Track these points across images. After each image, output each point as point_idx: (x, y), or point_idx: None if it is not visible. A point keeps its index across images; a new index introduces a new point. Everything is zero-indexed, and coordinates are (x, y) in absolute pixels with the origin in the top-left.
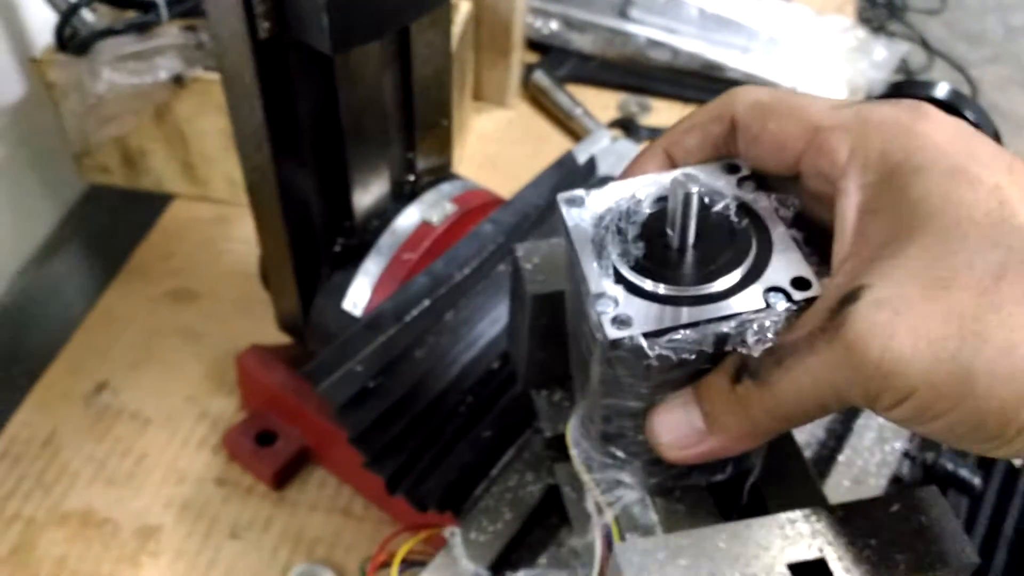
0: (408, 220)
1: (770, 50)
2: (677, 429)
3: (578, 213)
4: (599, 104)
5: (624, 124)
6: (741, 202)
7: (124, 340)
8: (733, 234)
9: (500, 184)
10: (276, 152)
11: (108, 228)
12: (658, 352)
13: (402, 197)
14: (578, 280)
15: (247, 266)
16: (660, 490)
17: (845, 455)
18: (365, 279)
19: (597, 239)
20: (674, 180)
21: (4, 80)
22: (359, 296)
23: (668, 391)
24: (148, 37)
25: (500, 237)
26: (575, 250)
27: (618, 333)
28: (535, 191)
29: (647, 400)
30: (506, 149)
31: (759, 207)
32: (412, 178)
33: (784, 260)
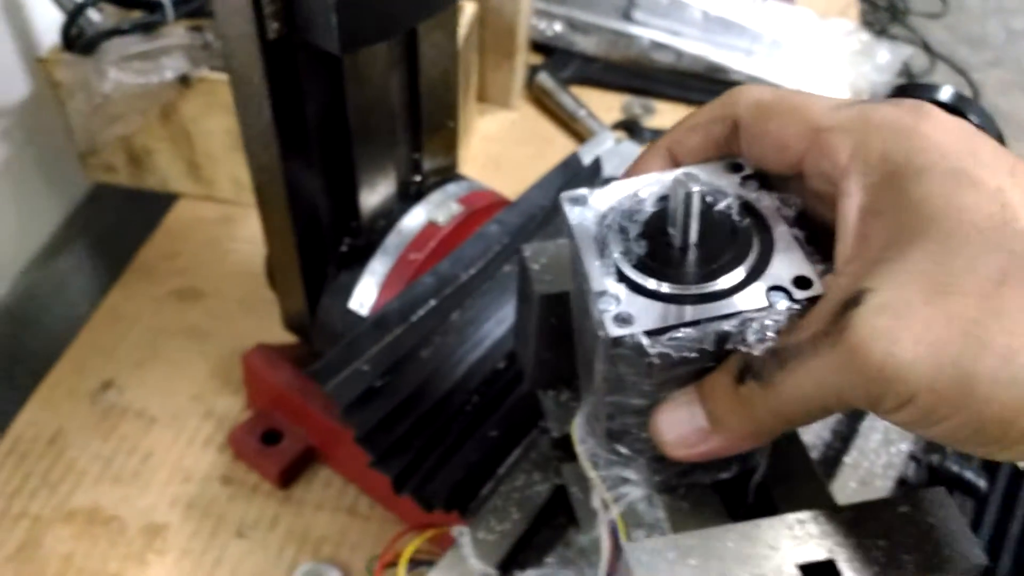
0: (414, 220)
1: (773, 53)
2: (680, 427)
3: (581, 212)
4: (603, 106)
5: (628, 126)
6: (743, 201)
7: (129, 339)
8: (735, 233)
9: (504, 185)
10: (284, 152)
11: (113, 227)
12: (659, 350)
13: (408, 197)
14: (581, 278)
15: (252, 266)
16: (665, 487)
17: (851, 457)
18: (371, 279)
19: (600, 237)
20: (676, 179)
21: (10, 79)
22: (365, 296)
23: (671, 389)
24: (154, 37)
25: (506, 238)
26: (578, 248)
27: (620, 331)
28: (540, 192)
29: (651, 398)
30: (510, 150)
31: (761, 206)
32: (418, 178)
33: (786, 259)
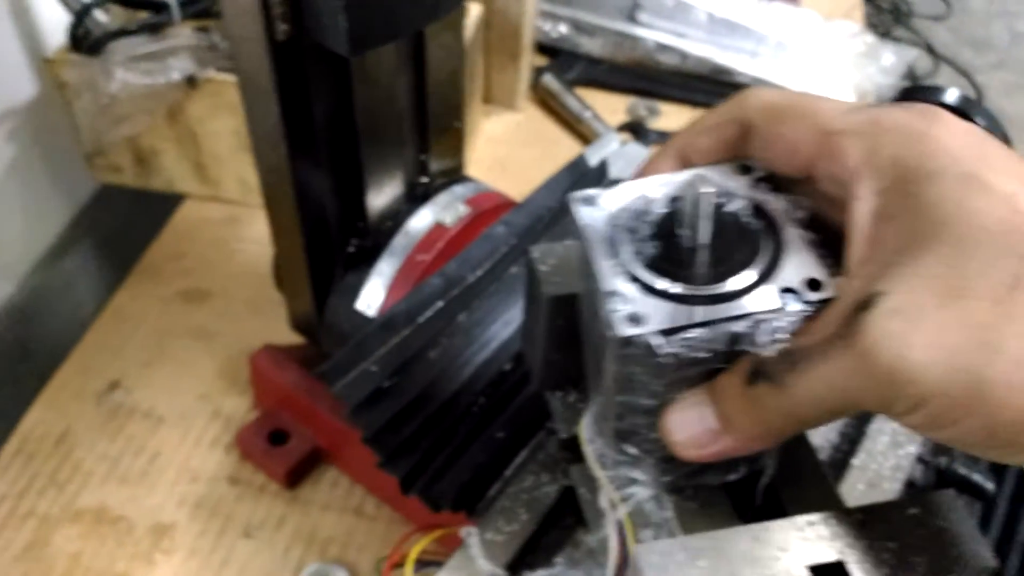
0: (421, 222)
1: (778, 55)
2: (691, 428)
3: (591, 212)
4: (608, 108)
5: (633, 128)
6: (755, 203)
7: (136, 339)
8: (746, 234)
9: (509, 187)
10: (292, 153)
11: (120, 228)
12: (670, 350)
13: (415, 199)
14: (591, 278)
15: (259, 266)
16: (673, 488)
17: (859, 459)
18: (379, 280)
19: (610, 238)
20: (688, 180)
21: (17, 80)
22: (373, 297)
23: (681, 389)
24: (161, 38)
25: (513, 239)
26: (588, 248)
27: (631, 330)
28: (547, 193)
29: (661, 398)
30: (515, 152)
31: (772, 208)
32: (425, 180)
33: (797, 261)
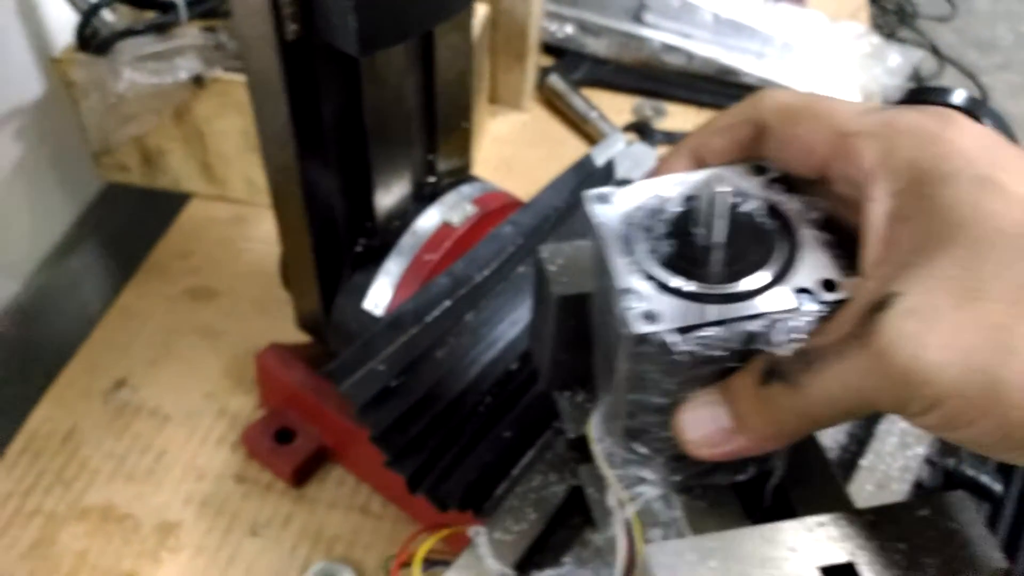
0: (429, 221)
1: (784, 55)
2: (704, 427)
3: (606, 210)
4: (614, 108)
5: (639, 128)
6: (769, 203)
7: (142, 338)
8: (762, 234)
9: (515, 186)
10: (301, 152)
11: (126, 226)
12: (686, 348)
13: (423, 198)
14: (605, 275)
15: (265, 265)
16: (682, 488)
17: (868, 460)
18: (386, 279)
19: (625, 235)
20: (704, 179)
21: (24, 79)
22: (380, 296)
23: (693, 388)
24: (168, 37)
25: (520, 239)
26: (603, 246)
27: (646, 328)
28: (554, 193)
29: (673, 396)
30: (521, 152)
31: (787, 209)
32: (433, 179)
33: (812, 262)
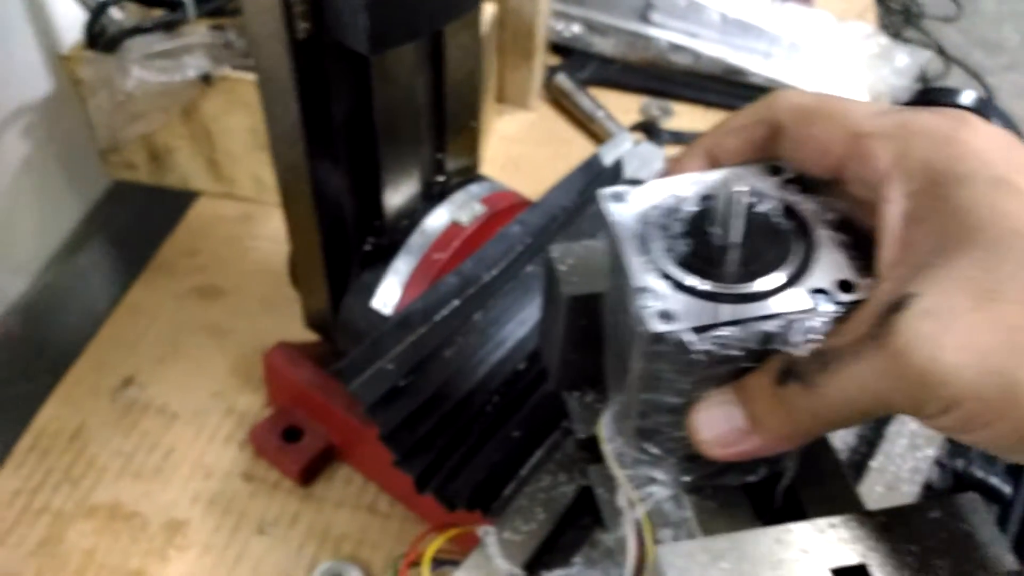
0: (438, 220)
1: (792, 55)
2: (719, 427)
3: (621, 208)
4: (621, 107)
5: (646, 127)
6: (785, 204)
7: (150, 336)
8: (778, 234)
9: (523, 186)
10: (310, 151)
11: (134, 224)
12: (703, 347)
13: (431, 197)
14: (620, 274)
15: (273, 264)
16: (693, 488)
17: (878, 461)
18: (395, 278)
19: (641, 234)
20: (720, 179)
21: (33, 76)
22: (389, 295)
23: (708, 388)
24: (176, 35)
25: (528, 238)
26: (618, 244)
27: (662, 327)
28: (562, 193)
29: (687, 396)
30: (528, 151)
31: (803, 209)
32: (441, 179)
33: (828, 262)
